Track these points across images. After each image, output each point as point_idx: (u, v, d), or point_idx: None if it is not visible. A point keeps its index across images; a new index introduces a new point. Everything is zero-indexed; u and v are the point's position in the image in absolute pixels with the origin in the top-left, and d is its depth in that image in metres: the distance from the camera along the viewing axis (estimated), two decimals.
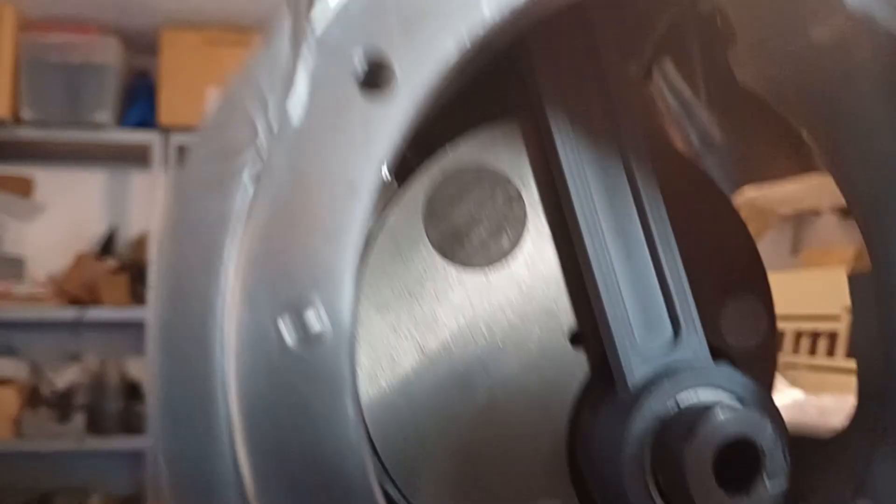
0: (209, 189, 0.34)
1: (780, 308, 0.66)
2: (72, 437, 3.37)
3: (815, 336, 1.95)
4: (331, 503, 0.31)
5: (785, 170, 0.69)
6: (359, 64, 0.34)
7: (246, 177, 0.34)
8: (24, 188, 3.66)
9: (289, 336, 0.32)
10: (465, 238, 0.58)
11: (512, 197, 0.60)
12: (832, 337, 1.89)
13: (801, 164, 0.67)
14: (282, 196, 0.33)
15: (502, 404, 0.58)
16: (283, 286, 0.32)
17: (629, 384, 0.57)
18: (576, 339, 0.60)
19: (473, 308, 0.58)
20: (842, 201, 0.58)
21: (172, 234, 0.34)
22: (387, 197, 0.59)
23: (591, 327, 0.59)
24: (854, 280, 0.59)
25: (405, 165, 0.60)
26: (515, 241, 0.60)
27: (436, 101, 0.41)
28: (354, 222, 0.33)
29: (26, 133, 3.46)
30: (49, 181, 3.75)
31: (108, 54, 3.58)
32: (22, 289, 3.44)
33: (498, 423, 0.58)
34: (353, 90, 0.34)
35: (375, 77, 0.34)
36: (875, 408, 0.57)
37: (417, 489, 0.56)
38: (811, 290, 1.87)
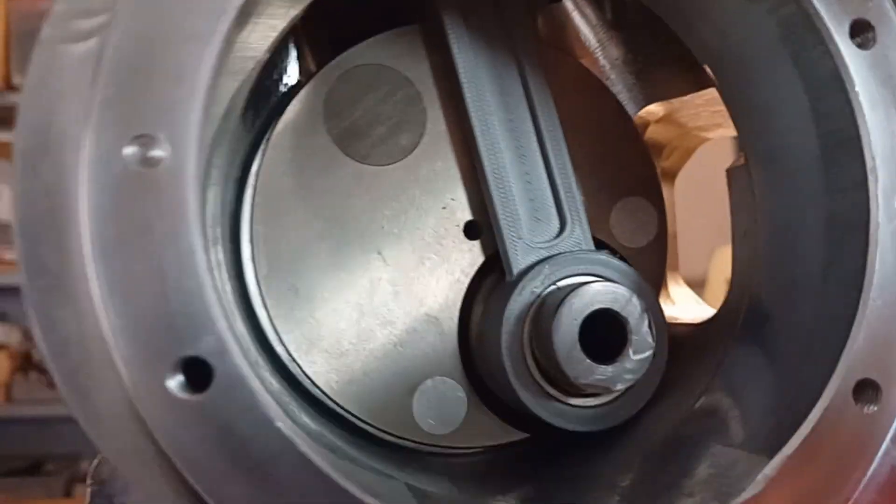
0: (72, 41, 0.38)
1: None
2: (63, 402, 3.42)
3: None
4: (167, 304, 0.36)
5: (684, 88, 0.72)
6: None
7: (104, 30, 0.38)
8: None
9: (130, 159, 0.36)
10: (365, 135, 0.62)
11: (411, 97, 0.64)
12: None
13: (699, 83, 0.71)
14: (129, 44, 0.37)
15: (397, 289, 0.62)
16: (127, 120, 0.36)
17: (514, 270, 0.61)
18: (470, 231, 0.64)
19: (373, 200, 0.62)
20: None
21: (39, 77, 0.38)
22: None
23: (484, 221, 0.63)
24: (731, 172, 0.63)
25: (312, 74, 0.64)
26: (415, 141, 0.64)
27: None
28: (199, 66, 0.37)
29: None
30: None
31: None
32: (13, 254, 3.48)
33: (392, 307, 0.62)
34: None
35: None
36: (739, 299, 0.61)
37: (315, 366, 0.60)
38: None
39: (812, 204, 0.53)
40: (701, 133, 0.89)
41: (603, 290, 0.56)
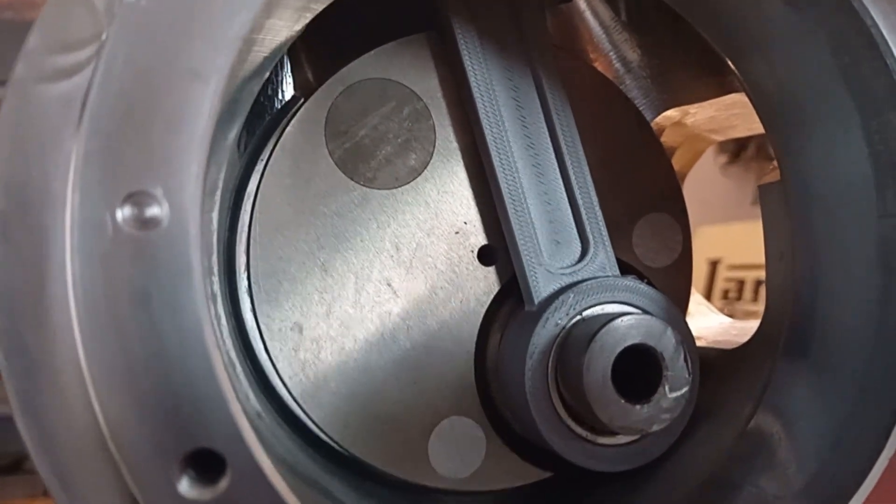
0: (50, 80, 0.33)
1: (742, 257, 0.66)
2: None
3: None
4: (171, 388, 0.31)
5: (705, 93, 0.68)
6: None
7: (89, 68, 0.33)
8: None
9: (124, 221, 0.31)
10: (371, 156, 0.57)
11: (420, 113, 0.59)
12: None
13: (721, 87, 0.67)
14: (119, 84, 0.32)
15: (409, 324, 0.57)
16: (118, 177, 0.31)
17: (535, 300, 0.56)
18: (485, 257, 0.59)
19: (379, 226, 0.57)
20: None
21: (11, 124, 0.32)
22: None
23: (500, 245, 0.59)
24: (764, 189, 0.59)
25: (310, 88, 0.59)
26: (425, 160, 0.59)
27: None
28: (200, 109, 0.32)
29: None
30: None
31: None
32: None
33: (404, 343, 0.57)
34: None
35: None
36: (778, 321, 0.57)
37: (322, 410, 0.56)
38: None
39: (862, 227, 0.49)
40: (712, 135, 0.85)
41: (635, 323, 0.52)
